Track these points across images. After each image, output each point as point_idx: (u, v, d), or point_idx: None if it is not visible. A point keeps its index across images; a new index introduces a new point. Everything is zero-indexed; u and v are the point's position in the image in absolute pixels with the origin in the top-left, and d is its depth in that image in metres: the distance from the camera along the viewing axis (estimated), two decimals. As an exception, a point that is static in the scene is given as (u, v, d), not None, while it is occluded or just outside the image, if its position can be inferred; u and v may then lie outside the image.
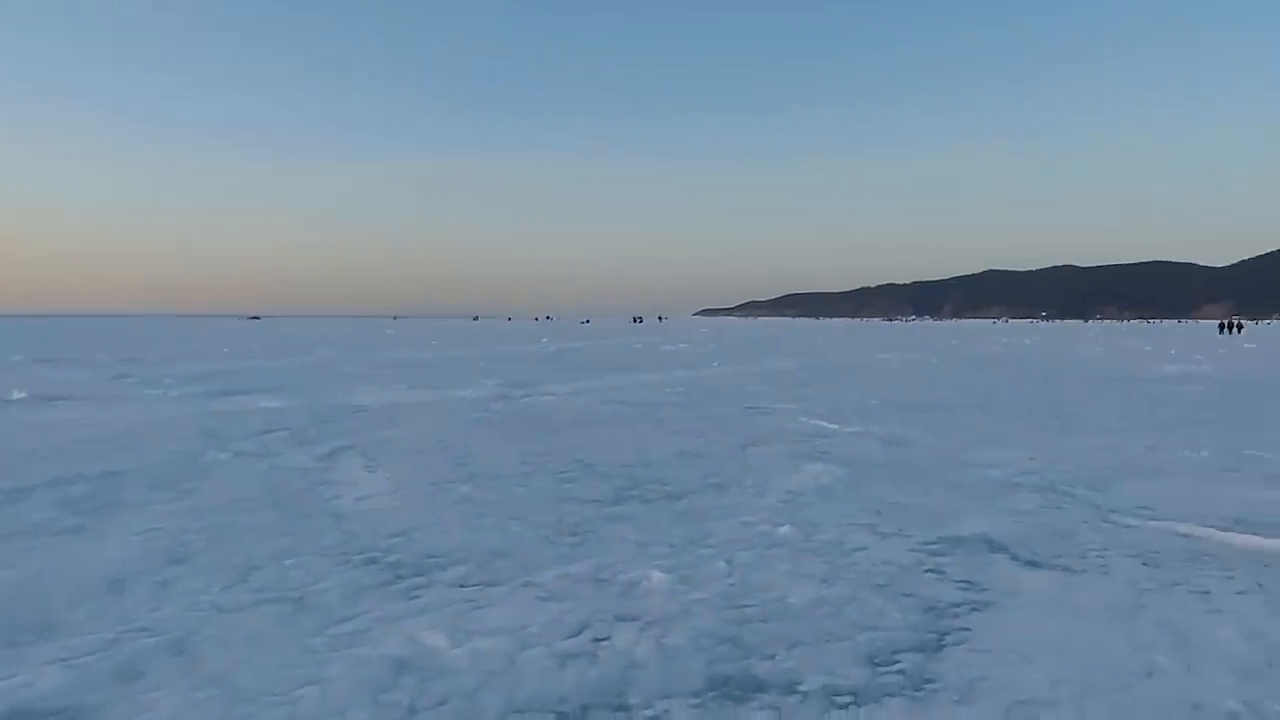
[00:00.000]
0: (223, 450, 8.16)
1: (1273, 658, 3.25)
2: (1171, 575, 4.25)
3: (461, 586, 4.14)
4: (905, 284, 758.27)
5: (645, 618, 3.70)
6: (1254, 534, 5.00)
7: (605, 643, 3.43)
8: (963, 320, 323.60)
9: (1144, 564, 4.44)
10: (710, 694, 2.97)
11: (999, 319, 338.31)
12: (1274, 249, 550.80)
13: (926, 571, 4.32)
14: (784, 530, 5.06)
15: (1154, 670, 3.15)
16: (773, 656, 3.26)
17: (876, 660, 3.22)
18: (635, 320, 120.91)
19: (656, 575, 4.24)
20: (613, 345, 37.61)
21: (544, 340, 45.42)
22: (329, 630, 3.58)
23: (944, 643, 3.39)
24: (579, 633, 3.54)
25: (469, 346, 36.09)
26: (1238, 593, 3.98)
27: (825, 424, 9.96)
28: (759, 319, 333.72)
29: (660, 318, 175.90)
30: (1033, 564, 4.46)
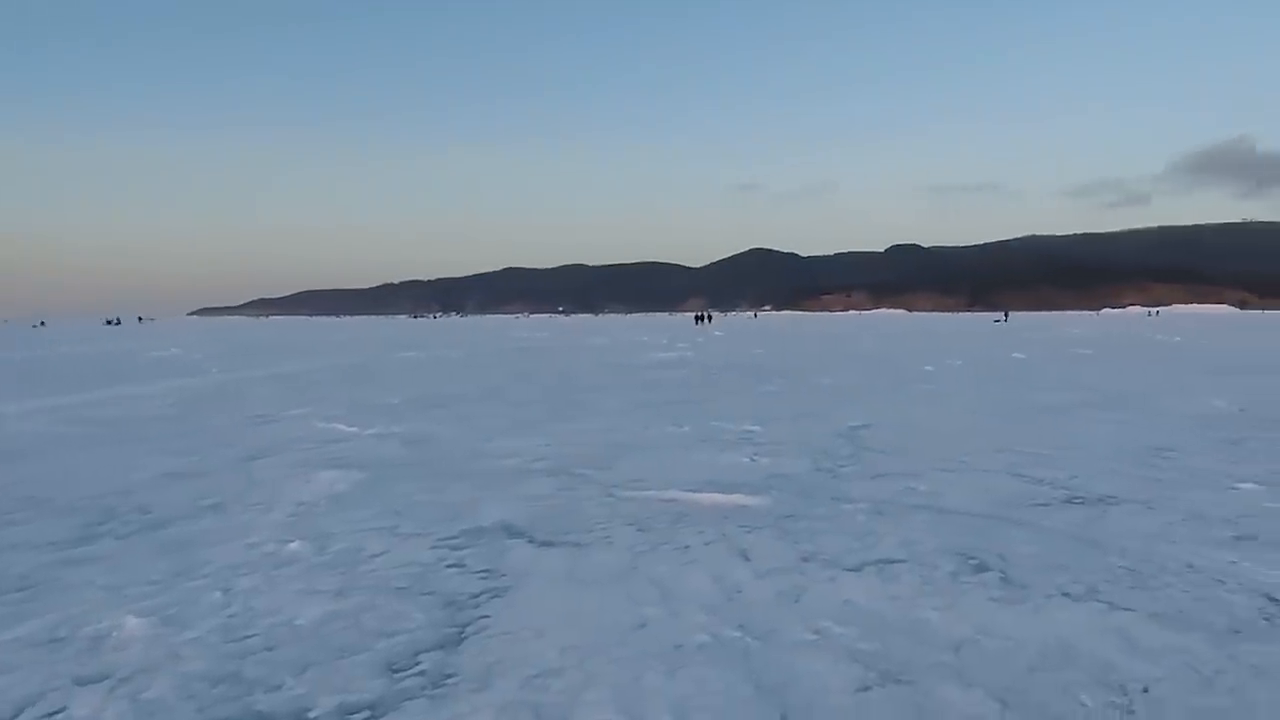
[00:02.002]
0: None
1: (731, 593, 4.03)
2: (659, 537, 5.00)
3: None
4: (430, 280, 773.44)
5: (116, 674, 3.19)
6: (719, 493, 6.15)
7: (58, 716, 2.88)
8: (487, 316, 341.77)
9: (639, 530, 5.16)
10: (202, 746, 2.68)
11: (520, 314, 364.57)
12: (734, 253, 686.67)
13: (448, 566, 4.46)
14: (293, 546, 4.79)
15: (646, 622, 3.67)
16: (279, 686, 3.06)
17: (396, 666, 3.23)
18: (111, 323, 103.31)
19: (132, 621, 3.69)
20: (80, 353, 31.71)
21: (-32, 348, 36.37)
22: None
23: (464, 634, 3.53)
24: (21, 711, 2.92)
25: None
26: (707, 544, 4.85)
27: (343, 427, 9.68)
28: (270, 318, 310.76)
29: (141, 318, 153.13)
30: (547, 544, 4.88)
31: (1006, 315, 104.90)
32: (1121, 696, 2.95)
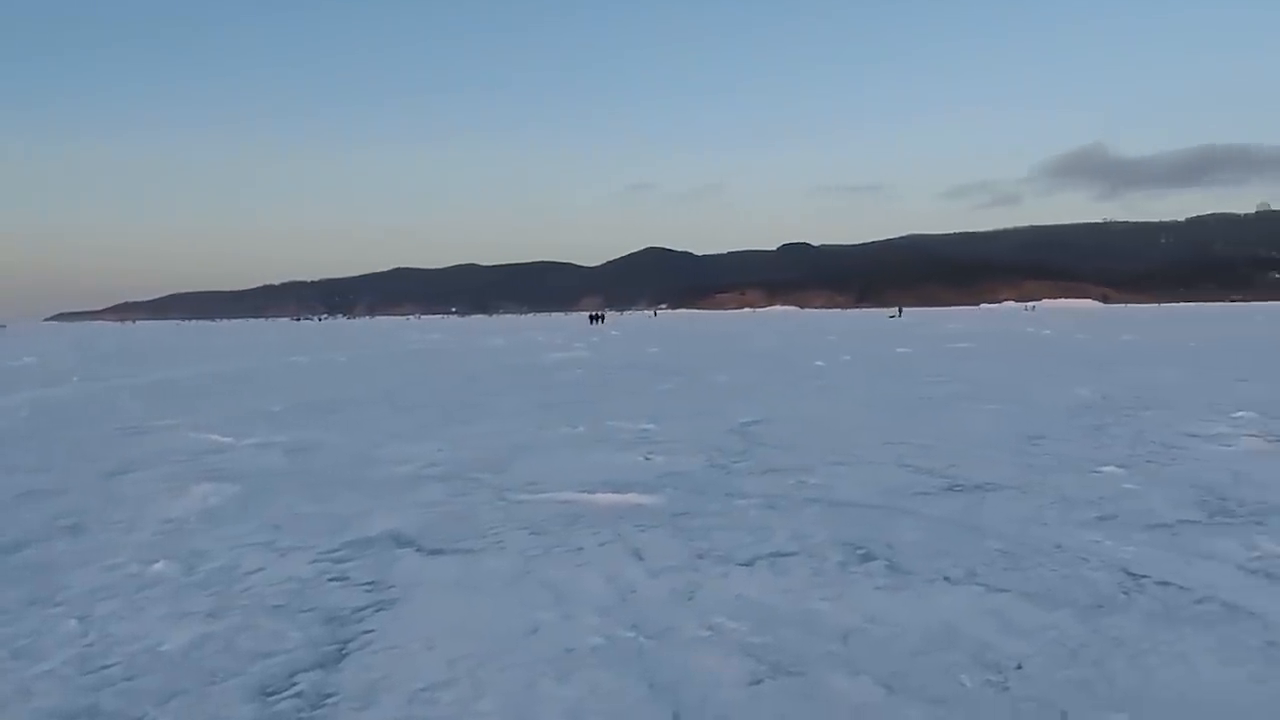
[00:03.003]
0: None
1: (625, 593, 4.03)
2: (553, 540, 4.96)
3: None
4: (314, 282, 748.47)
5: (-45, 717, 2.93)
6: (614, 493, 6.15)
7: (-118, 768, 2.63)
8: (377, 317, 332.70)
9: (532, 533, 5.10)
10: (52, 788, 2.49)
11: (412, 315, 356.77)
12: (629, 253, 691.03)
13: (330, 581, 4.29)
14: (159, 567, 4.51)
15: (539, 627, 3.63)
16: (140, 718, 2.87)
17: (270, 689, 3.08)
18: None
19: (-25, 657, 3.40)
20: (-88, 363, 29.13)
21: None
22: None
23: (346, 651, 3.40)
24: None
25: None
26: (601, 545, 4.84)
27: (219, 437, 9.22)
28: (138, 322, 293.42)
29: None
30: (437, 552, 4.77)
31: (900, 311, 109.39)
32: (997, 675, 3.09)
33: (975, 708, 2.87)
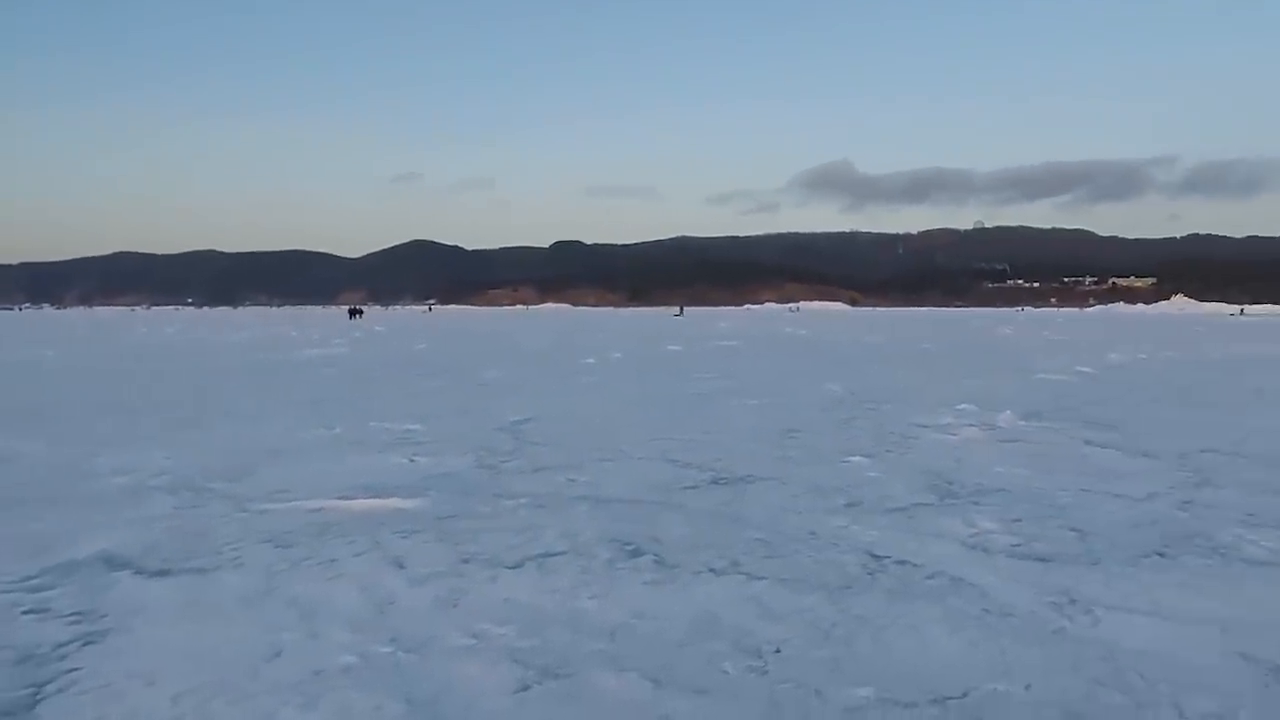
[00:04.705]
0: None
1: (382, 606, 3.83)
2: (302, 552, 4.63)
3: None
4: (12, 265, 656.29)
5: None
6: (374, 497, 5.87)
7: None
8: (95, 308, 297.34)
9: (277, 547, 4.73)
10: None
11: (139, 306, 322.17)
12: (394, 244, 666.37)
13: (25, 614, 3.73)
14: None
15: (282, 650, 3.36)
16: None
17: (-62, 748, 2.62)
18: None
19: None
20: None
21: None
22: None
23: (42, 695, 2.96)
24: None
25: None
26: (357, 555, 4.59)
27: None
28: None
29: None
30: (162, 573, 4.29)
31: (682, 310, 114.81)
32: (758, 660, 3.26)
33: (737, 693, 3.00)
